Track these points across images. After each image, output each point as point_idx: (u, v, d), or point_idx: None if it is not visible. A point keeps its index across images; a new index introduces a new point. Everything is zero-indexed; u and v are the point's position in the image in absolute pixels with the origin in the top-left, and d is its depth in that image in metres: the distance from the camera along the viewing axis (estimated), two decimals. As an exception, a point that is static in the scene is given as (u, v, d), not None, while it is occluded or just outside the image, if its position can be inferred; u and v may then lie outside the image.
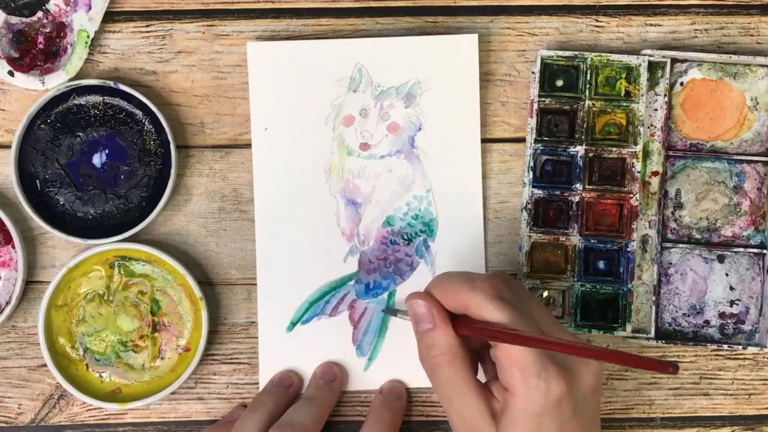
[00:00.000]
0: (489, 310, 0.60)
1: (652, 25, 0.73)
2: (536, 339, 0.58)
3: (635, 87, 0.72)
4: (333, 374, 0.72)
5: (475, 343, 0.65)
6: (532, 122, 0.72)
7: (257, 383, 0.73)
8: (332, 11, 0.73)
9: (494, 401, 0.62)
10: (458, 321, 0.63)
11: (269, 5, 0.73)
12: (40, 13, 0.71)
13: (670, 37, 0.73)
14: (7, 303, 0.71)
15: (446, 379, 0.63)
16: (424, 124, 0.72)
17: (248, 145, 0.72)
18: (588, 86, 0.72)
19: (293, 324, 0.72)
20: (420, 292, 0.65)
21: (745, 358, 0.74)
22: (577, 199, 0.72)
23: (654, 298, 0.72)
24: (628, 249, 0.71)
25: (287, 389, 0.71)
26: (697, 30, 0.73)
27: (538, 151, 0.72)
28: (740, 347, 0.72)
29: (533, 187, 0.72)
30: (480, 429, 0.62)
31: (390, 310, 0.72)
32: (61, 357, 0.72)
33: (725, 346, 0.72)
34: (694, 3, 0.74)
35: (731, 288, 0.73)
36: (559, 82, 0.72)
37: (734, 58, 0.72)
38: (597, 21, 0.73)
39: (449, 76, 0.72)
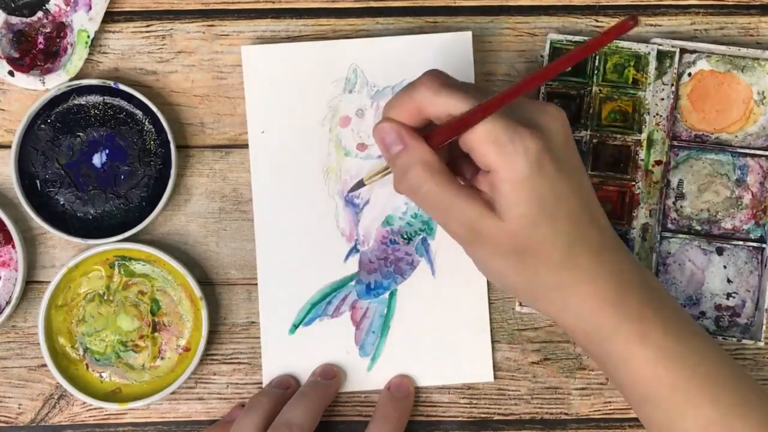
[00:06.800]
0: (441, 100, 0.60)
1: (651, 25, 0.73)
2: (496, 99, 0.58)
3: (643, 75, 0.72)
4: (332, 373, 0.71)
5: (447, 157, 0.64)
6: None
7: (257, 383, 0.73)
8: (332, 11, 0.73)
9: (484, 194, 0.61)
10: (426, 135, 0.61)
11: (269, 5, 0.73)
12: (40, 13, 0.71)
13: (670, 38, 0.73)
14: (7, 303, 0.71)
15: (432, 195, 0.61)
16: (420, 123, 0.72)
17: (248, 146, 0.72)
18: (596, 72, 0.72)
19: (295, 326, 0.72)
20: (381, 120, 0.63)
21: (745, 358, 0.73)
22: None
23: (651, 287, 0.72)
24: (628, 237, 0.71)
25: (284, 391, 0.70)
26: (697, 30, 0.73)
27: None
28: (734, 339, 0.72)
29: None
30: (481, 227, 0.60)
31: (354, 186, 0.70)
32: (61, 357, 0.72)
33: (719, 338, 0.72)
34: (694, 3, 0.74)
35: (729, 281, 0.73)
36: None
37: (743, 51, 0.72)
38: (597, 21, 0.73)
39: (445, 74, 0.72)
